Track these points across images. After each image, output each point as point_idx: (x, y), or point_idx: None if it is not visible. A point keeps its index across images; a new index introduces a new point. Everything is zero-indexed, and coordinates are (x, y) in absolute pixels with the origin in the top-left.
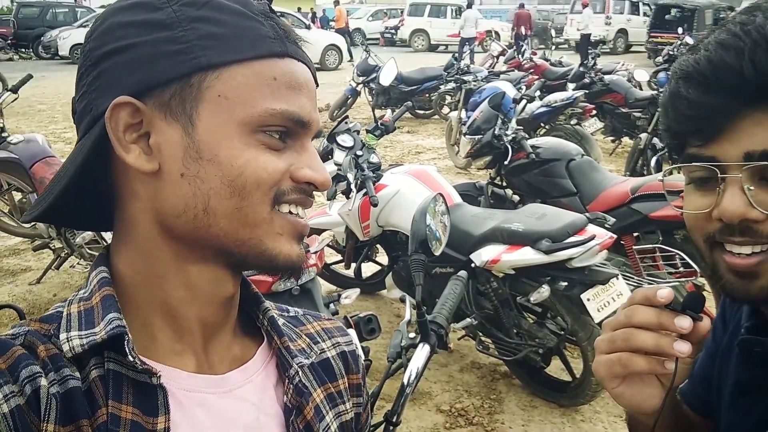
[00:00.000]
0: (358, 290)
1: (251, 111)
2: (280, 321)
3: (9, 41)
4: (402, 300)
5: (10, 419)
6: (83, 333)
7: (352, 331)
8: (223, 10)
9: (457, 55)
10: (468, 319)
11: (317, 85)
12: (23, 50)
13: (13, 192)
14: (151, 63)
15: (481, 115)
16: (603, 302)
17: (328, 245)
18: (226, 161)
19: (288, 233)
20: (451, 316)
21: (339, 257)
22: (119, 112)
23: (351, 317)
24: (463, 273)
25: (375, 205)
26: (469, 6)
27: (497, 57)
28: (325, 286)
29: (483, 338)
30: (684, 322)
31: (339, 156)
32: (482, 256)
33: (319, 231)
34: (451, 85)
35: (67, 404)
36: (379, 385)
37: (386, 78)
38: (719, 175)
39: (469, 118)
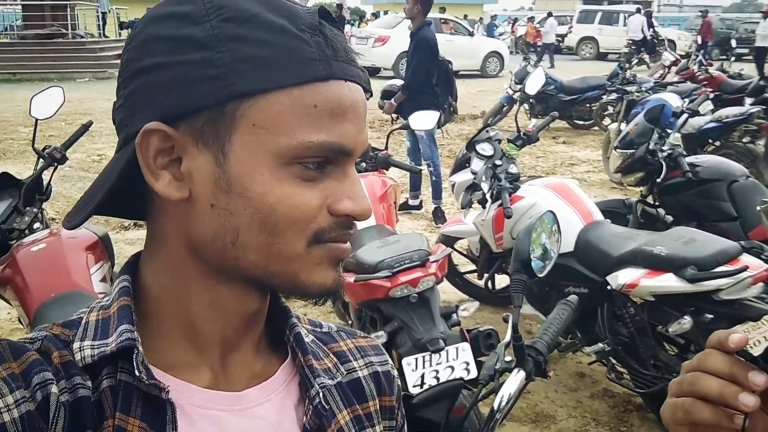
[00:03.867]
0: (477, 303)
1: (287, 143)
2: (309, 338)
3: None
4: (505, 320)
5: (20, 424)
6: (96, 343)
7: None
8: (266, 28)
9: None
10: (600, 345)
11: (370, 95)
12: None
13: None
14: (185, 87)
15: (636, 128)
16: (754, 340)
17: (462, 254)
18: (256, 197)
19: (326, 261)
20: (554, 342)
21: (473, 266)
22: (150, 137)
23: (470, 330)
24: (573, 298)
25: (509, 217)
26: (638, 11)
27: (669, 67)
28: (457, 295)
29: (616, 366)
30: (758, 379)
31: (476, 165)
32: (619, 278)
33: (453, 239)
34: (614, 95)
35: (75, 413)
36: (467, 409)
37: (532, 87)
38: None
39: None
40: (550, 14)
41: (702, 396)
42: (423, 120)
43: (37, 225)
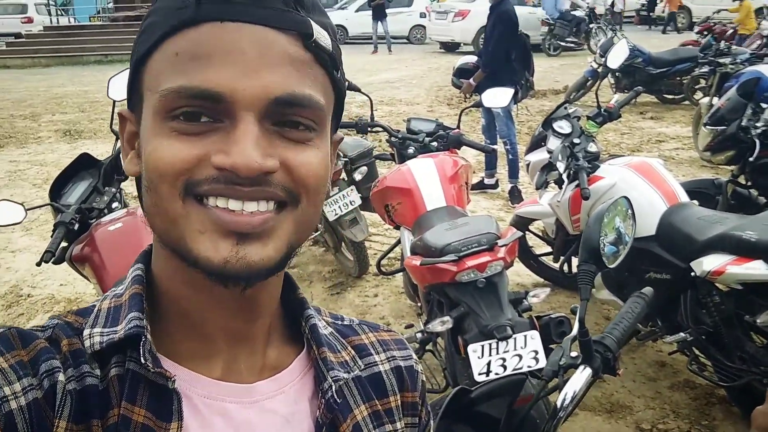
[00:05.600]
0: (548, 289)
1: (155, 97)
2: (327, 330)
3: None
4: (573, 311)
5: (27, 412)
6: (105, 330)
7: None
8: None
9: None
10: (682, 334)
11: (309, 37)
12: None
13: None
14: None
15: (727, 104)
16: None
17: (537, 236)
18: (143, 155)
19: (211, 230)
20: (625, 338)
21: (549, 248)
22: (125, 121)
23: (540, 317)
24: (648, 290)
25: (586, 198)
26: None
27: (767, 37)
28: (531, 278)
29: (699, 356)
30: None
31: (553, 143)
32: (704, 265)
33: (528, 220)
34: (706, 68)
35: (82, 402)
36: (528, 406)
37: (615, 61)
38: None
39: None
40: None
41: None
42: (496, 97)
43: (115, 204)
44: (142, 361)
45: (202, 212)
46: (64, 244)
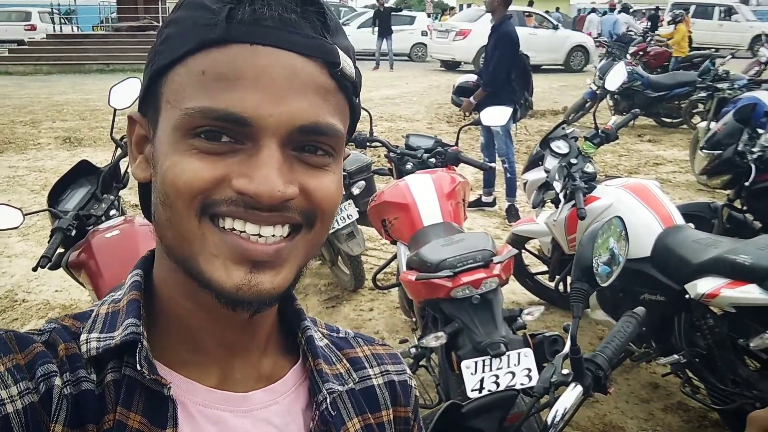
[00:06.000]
0: (542, 307)
1: (177, 113)
2: (323, 342)
3: None
4: (565, 329)
5: (23, 416)
6: (102, 336)
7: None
8: (188, 7)
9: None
10: (676, 356)
11: (336, 66)
12: None
13: None
14: (146, 77)
15: (724, 128)
16: None
17: (533, 254)
18: (159, 169)
19: (225, 256)
20: (616, 357)
21: (545, 267)
22: (134, 125)
23: (534, 335)
24: (640, 309)
25: (582, 218)
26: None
27: (765, 63)
28: (527, 296)
29: (692, 379)
30: None
31: (550, 163)
32: (698, 287)
33: (525, 239)
34: (704, 92)
35: (78, 406)
36: (519, 422)
37: (613, 82)
38: None
39: None
40: (593, 9)
41: None
42: (495, 116)
43: (113, 212)
44: (138, 368)
45: (218, 236)
46: (60, 250)
